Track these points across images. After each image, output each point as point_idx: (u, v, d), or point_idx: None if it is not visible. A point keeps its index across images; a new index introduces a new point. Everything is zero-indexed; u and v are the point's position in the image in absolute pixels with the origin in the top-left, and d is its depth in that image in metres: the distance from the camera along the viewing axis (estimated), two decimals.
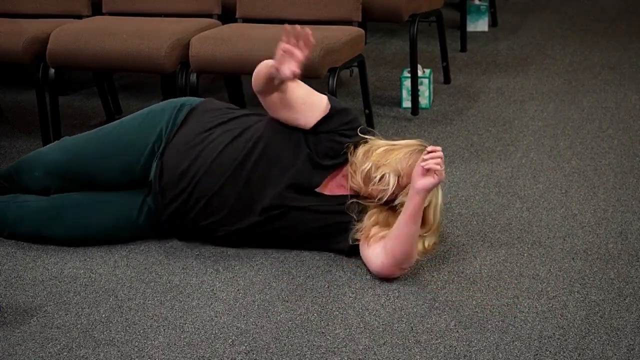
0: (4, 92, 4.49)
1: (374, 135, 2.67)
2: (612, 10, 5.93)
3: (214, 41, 3.36)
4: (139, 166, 2.68)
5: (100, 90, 4.04)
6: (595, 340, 2.19)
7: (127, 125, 2.72)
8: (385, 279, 2.52)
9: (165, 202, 2.64)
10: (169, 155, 2.63)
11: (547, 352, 2.14)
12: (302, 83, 2.61)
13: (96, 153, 2.69)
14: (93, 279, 2.57)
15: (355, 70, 3.63)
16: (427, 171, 2.38)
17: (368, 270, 2.55)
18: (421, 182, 2.39)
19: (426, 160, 2.37)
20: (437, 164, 2.36)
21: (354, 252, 2.61)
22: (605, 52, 4.95)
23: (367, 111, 3.77)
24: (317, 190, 2.62)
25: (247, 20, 3.74)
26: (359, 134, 2.64)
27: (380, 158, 2.55)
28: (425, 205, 2.46)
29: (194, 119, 2.69)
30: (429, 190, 2.41)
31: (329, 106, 2.62)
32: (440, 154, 2.39)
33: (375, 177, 2.53)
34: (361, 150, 2.60)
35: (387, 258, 2.46)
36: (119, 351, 2.20)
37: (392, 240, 2.46)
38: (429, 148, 2.42)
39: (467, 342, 2.20)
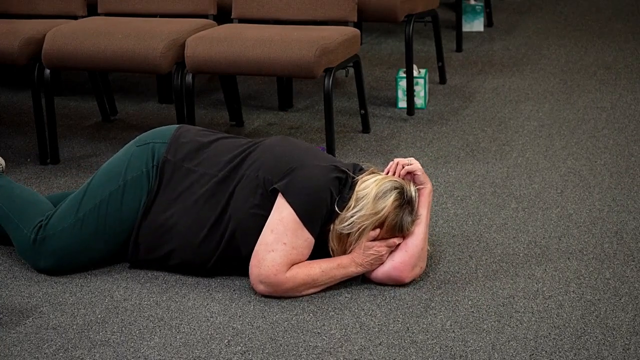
0: None
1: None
2: (608, 11, 5.93)
3: (209, 41, 3.35)
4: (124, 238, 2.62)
5: (96, 91, 4.03)
6: (591, 340, 2.19)
7: (109, 211, 2.57)
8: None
9: (140, 259, 2.61)
10: (143, 235, 2.56)
11: (543, 352, 2.14)
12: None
13: (86, 251, 2.59)
14: (89, 280, 2.56)
15: (351, 70, 3.62)
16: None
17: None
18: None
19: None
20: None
21: None
22: (601, 52, 4.95)
23: (362, 111, 3.76)
24: None
25: (242, 20, 3.74)
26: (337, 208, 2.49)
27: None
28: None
29: (164, 183, 2.57)
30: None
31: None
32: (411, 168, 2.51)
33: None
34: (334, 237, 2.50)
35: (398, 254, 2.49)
36: (114, 352, 2.19)
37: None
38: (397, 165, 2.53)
39: (463, 342, 2.20)
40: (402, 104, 4.11)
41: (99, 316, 2.36)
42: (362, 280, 2.51)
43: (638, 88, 4.31)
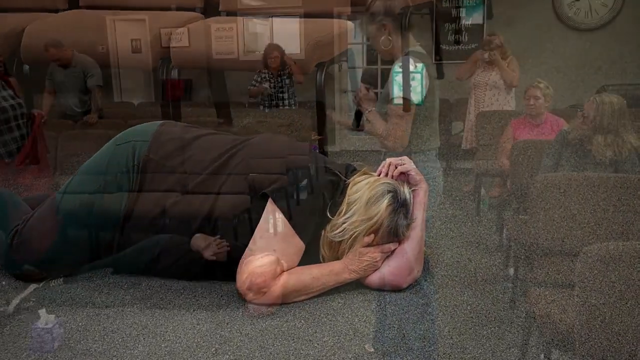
0: None
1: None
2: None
3: (195, 35, 3.32)
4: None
5: (79, 88, 4.01)
6: (596, 346, 2.16)
7: (89, 213, 2.52)
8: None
9: (125, 263, 2.57)
10: (127, 237, 2.51)
11: (546, 359, 2.09)
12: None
13: (66, 256, 2.53)
14: (68, 286, 2.53)
15: (344, 64, 3.60)
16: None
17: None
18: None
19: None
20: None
21: None
22: (606, 46, 4.95)
23: (357, 107, 3.74)
24: None
25: (230, 13, 3.71)
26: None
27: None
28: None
29: (147, 182, 2.53)
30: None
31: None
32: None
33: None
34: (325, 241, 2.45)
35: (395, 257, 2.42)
36: None
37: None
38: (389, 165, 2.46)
39: (462, 349, 2.18)
40: (398, 100, 4.05)
41: (80, 324, 2.32)
42: (356, 285, 2.47)
43: None
